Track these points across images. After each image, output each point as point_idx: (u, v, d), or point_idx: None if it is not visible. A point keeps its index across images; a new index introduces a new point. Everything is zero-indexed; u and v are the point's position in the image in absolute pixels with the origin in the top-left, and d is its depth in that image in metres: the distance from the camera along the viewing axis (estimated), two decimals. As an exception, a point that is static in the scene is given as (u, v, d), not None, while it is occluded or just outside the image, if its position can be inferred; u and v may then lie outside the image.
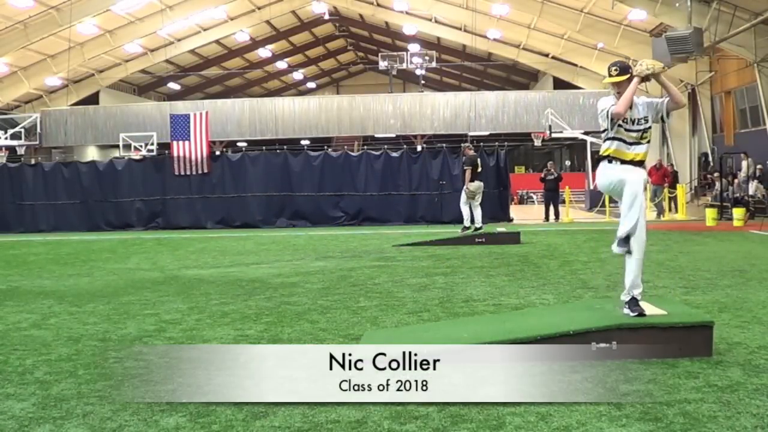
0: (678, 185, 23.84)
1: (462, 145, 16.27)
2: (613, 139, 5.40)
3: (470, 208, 14.49)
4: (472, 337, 5.14)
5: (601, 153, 5.58)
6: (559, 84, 36.20)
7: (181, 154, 21.65)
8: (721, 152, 25.20)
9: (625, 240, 5.25)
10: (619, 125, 5.36)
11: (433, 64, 36.89)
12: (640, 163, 5.46)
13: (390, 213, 21.23)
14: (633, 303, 5.15)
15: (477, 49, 35.76)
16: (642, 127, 5.39)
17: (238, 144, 37.78)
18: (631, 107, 5.34)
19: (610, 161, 5.45)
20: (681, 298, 7.25)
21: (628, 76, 5.39)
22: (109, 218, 21.71)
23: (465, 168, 14.72)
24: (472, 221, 14.44)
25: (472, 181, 14.25)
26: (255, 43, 40.98)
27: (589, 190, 28.06)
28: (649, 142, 5.46)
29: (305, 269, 10.63)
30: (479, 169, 14.34)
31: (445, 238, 14.30)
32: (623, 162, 5.39)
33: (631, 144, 5.38)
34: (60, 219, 21.66)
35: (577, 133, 29.47)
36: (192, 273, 10.51)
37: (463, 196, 14.39)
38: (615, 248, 5.31)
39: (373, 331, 5.96)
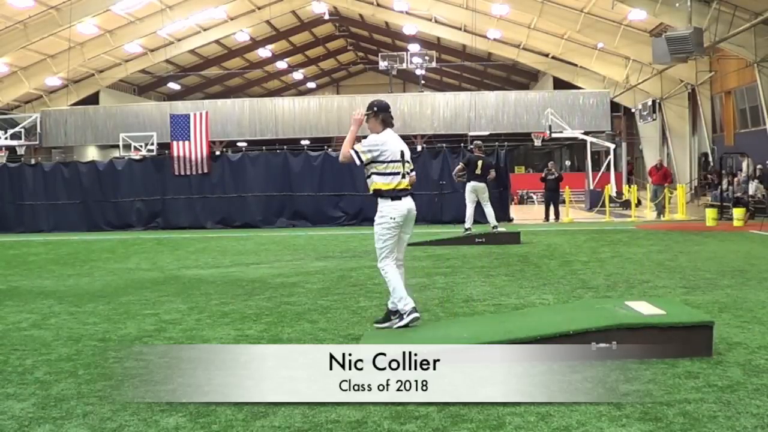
0: (678, 185, 23.85)
1: (464, 145, 16.21)
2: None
3: (473, 210, 14.37)
4: (472, 337, 5.14)
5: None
6: (559, 84, 36.20)
7: (181, 154, 21.63)
8: (721, 152, 25.21)
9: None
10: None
11: (433, 64, 36.86)
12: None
13: (390, 213, 21.19)
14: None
15: (477, 49, 35.77)
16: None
17: (238, 144, 37.79)
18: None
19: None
20: (681, 298, 7.25)
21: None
22: (109, 218, 21.69)
23: (461, 163, 14.65)
24: (496, 225, 14.29)
25: (468, 181, 14.14)
26: (255, 43, 40.97)
27: (589, 190, 28.06)
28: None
29: (305, 269, 10.63)
30: (478, 171, 14.14)
31: (445, 238, 14.27)
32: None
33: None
34: (60, 219, 21.64)
35: (577, 133, 29.46)
36: (192, 273, 10.51)
37: (468, 196, 14.24)
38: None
39: (373, 331, 5.96)
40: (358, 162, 5.78)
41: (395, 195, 5.78)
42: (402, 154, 5.92)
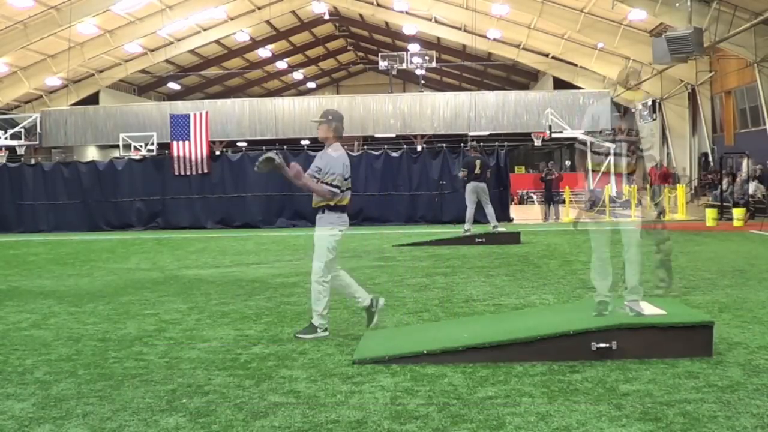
0: (678, 186, 23.85)
1: (464, 145, 16.18)
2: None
3: (473, 210, 14.39)
4: (472, 337, 5.14)
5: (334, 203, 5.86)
6: (559, 84, 36.19)
7: (181, 154, 21.64)
8: (721, 152, 25.22)
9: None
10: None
11: (433, 64, 36.84)
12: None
13: (390, 213, 21.21)
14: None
15: (477, 49, 35.75)
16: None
17: (238, 144, 37.78)
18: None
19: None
20: (681, 298, 7.25)
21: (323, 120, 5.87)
22: (109, 218, 21.69)
23: (462, 170, 14.70)
24: (496, 225, 14.31)
25: (468, 182, 14.17)
26: (255, 43, 40.96)
27: (589, 190, 28.00)
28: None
29: (305, 269, 10.57)
30: (477, 171, 14.16)
31: (445, 238, 14.28)
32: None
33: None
34: (60, 219, 21.64)
35: (577, 133, 29.38)
36: (192, 273, 10.52)
37: (469, 197, 14.28)
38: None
39: (373, 331, 5.96)
40: (339, 192, 5.73)
41: (343, 208, 5.87)
42: None
